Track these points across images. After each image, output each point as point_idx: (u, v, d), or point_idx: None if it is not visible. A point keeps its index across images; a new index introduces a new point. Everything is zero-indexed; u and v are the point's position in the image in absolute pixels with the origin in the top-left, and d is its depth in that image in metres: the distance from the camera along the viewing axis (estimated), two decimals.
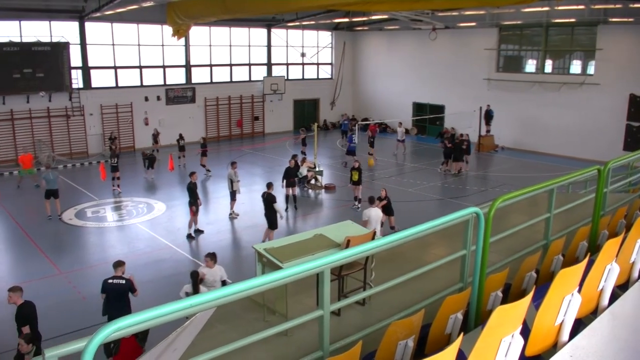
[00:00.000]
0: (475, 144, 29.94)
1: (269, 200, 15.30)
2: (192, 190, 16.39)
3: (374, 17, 33.60)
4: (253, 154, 29.91)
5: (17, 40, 27.07)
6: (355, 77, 41.13)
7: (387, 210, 15.95)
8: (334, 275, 5.10)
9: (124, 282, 9.49)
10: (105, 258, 14.80)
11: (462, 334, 2.95)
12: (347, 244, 5.29)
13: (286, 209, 18.86)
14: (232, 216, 18.53)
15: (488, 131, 30.86)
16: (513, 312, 2.94)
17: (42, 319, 10.78)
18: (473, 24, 31.23)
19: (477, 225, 4.33)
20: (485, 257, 4.37)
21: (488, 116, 30.71)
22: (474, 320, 4.37)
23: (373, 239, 5.45)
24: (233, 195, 18.45)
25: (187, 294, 9.37)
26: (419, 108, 36.72)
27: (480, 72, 32.14)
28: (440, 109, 35.24)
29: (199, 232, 16.78)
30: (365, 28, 38.64)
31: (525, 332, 3.08)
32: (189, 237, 16.46)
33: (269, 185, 15.71)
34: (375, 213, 13.85)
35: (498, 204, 4.37)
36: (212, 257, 10.39)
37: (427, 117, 34.81)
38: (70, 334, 9.92)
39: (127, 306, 9.41)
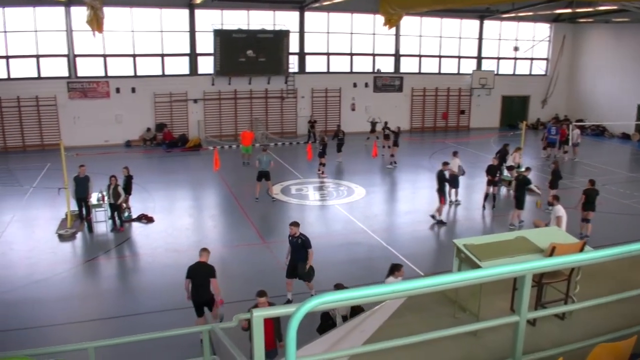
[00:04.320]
0: None
1: (524, 182, 16.06)
2: (442, 178, 16.66)
3: (601, 8, 30.59)
4: (456, 148, 29.24)
5: (245, 28, 29.99)
6: (572, 74, 37.96)
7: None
8: (533, 282, 4.82)
9: (299, 241, 11.15)
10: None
11: None
12: (552, 251, 4.96)
13: (483, 207, 18.24)
14: (457, 203, 18.61)
15: None
16: None
17: (244, 281, 11.92)
18: None
19: None
20: None
21: None
22: None
23: (582, 250, 5.04)
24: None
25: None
26: None
27: None
28: None
29: (441, 223, 16.70)
30: (590, 20, 35.36)
31: None
32: (441, 222, 16.65)
33: (527, 169, 17.09)
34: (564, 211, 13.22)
35: None
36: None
37: None
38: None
39: (304, 259, 11.17)
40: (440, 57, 35.14)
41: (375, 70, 33.61)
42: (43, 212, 17.53)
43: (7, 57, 27.29)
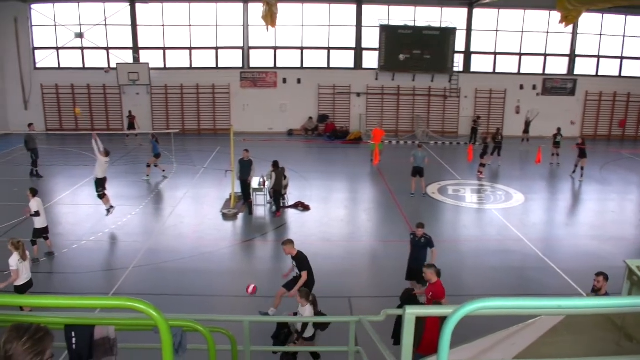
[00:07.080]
0: None
1: None
2: None
3: None
4: (633, 159, 26.67)
5: (411, 24, 29.99)
6: None
7: None
8: None
9: (423, 240, 11.06)
10: (457, 236, 15.42)
11: None
12: None
13: None
14: None
15: None
16: None
17: (392, 277, 11.91)
18: None
19: None
20: None
21: None
22: None
23: None
24: None
25: None
26: None
27: None
28: None
29: None
30: None
31: None
32: None
33: None
34: None
35: None
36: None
37: None
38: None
39: (424, 259, 10.92)
40: (622, 58, 32.12)
41: None
42: (211, 191, 19.02)
43: (190, 49, 29.94)
